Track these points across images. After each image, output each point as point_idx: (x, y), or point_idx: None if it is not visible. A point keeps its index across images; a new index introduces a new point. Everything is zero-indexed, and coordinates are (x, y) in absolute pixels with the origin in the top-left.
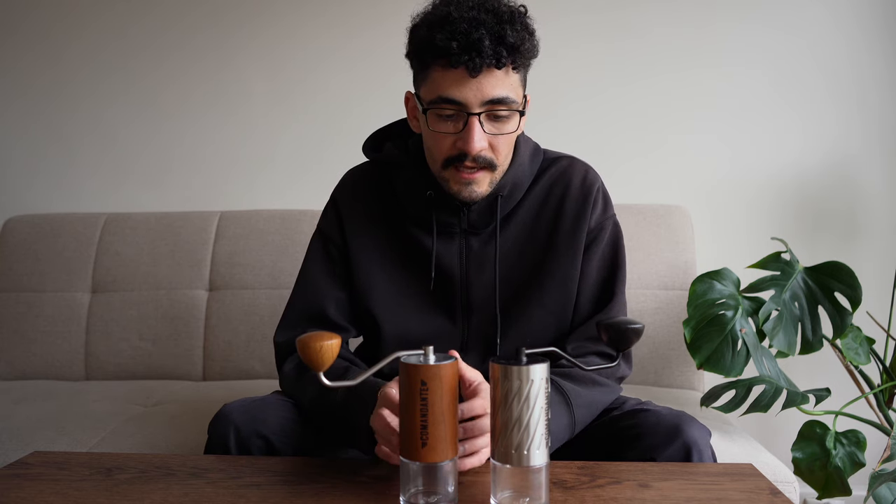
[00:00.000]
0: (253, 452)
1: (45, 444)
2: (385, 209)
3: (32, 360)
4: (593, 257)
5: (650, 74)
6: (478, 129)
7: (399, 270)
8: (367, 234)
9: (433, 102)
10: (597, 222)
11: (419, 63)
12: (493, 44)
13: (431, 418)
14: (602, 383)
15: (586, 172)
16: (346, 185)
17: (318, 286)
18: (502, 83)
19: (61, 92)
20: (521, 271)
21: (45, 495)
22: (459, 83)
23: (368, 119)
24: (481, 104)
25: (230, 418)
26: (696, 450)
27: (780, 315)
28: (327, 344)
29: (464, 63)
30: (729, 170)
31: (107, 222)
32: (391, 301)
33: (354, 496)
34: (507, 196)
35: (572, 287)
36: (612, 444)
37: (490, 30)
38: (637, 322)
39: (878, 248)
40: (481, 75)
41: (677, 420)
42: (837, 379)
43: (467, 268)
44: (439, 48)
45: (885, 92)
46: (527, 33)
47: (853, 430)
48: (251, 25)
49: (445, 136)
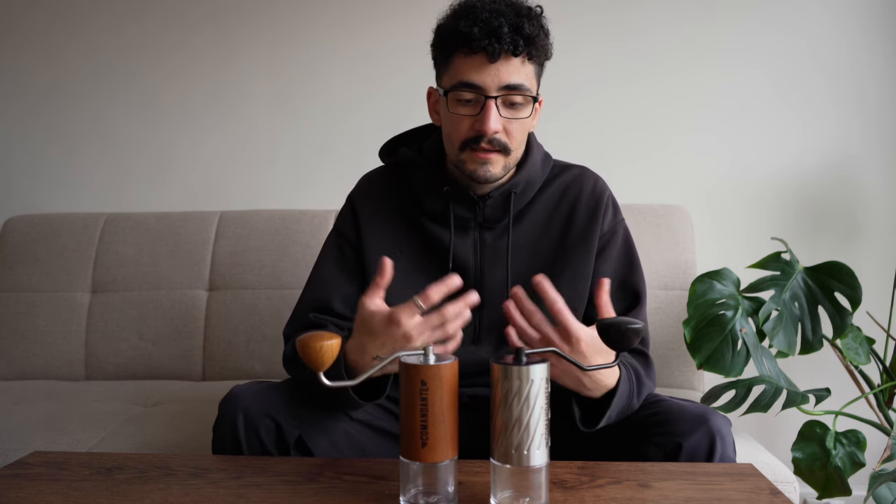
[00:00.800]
0: (261, 431)
1: (45, 444)
2: (401, 207)
3: (32, 360)
4: (609, 258)
5: (650, 75)
6: (494, 111)
7: (414, 264)
8: (383, 230)
9: (454, 87)
10: (609, 226)
11: (443, 51)
12: (511, 32)
13: (431, 418)
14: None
15: (596, 181)
16: (363, 186)
17: (326, 280)
18: (518, 71)
19: (61, 92)
20: (534, 267)
21: (45, 495)
22: (479, 68)
23: (369, 120)
24: (498, 89)
25: (239, 398)
26: (720, 437)
27: (780, 315)
28: (327, 344)
29: (483, 48)
30: (729, 170)
31: (107, 222)
32: (405, 294)
33: (354, 496)
34: (520, 193)
35: (584, 286)
36: (635, 432)
37: (509, 20)
38: (637, 322)
39: (878, 248)
40: (499, 62)
41: (701, 410)
42: (837, 379)
43: (481, 261)
44: (462, 34)
45: (885, 92)
46: (542, 30)
47: (853, 430)
48: (252, 26)
49: (464, 118)
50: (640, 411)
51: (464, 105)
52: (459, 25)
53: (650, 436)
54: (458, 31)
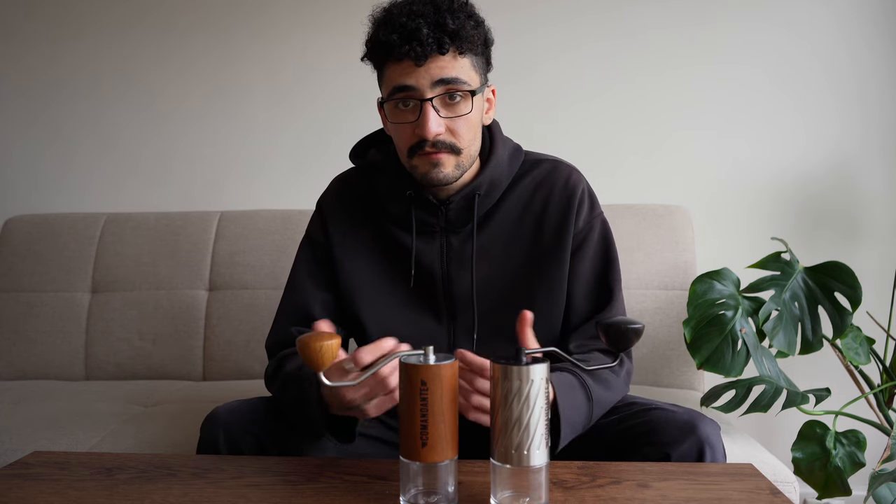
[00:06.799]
0: (244, 450)
1: (45, 444)
2: (368, 212)
3: (32, 360)
4: (585, 257)
5: (651, 75)
6: (432, 113)
7: (382, 271)
8: (351, 237)
9: (389, 94)
10: (584, 223)
11: (375, 64)
12: (432, 31)
13: (431, 418)
14: (613, 385)
15: (570, 175)
16: (331, 192)
17: (303, 288)
18: (450, 66)
19: (61, 92)
20: (506, 270)
21: (45, 495)
22: (408, 73)
23: (368, 120)
24: (431, 87)
25: (219, 419)
26: (709, 445)
27: (780, 315)
28: (327, 344)
29: (406, 53)
30: (729, 170)
31: (107, 222)
32: (376, 301)
33: (354, 496)
34: (484, 194)
35: (560, 288)
36: (624, 442)
37: (428, 19)
38: (637, 322)
39: (878, 248)
40: (428, 62)
41: (690, 417)
42: (837, 379)
43: (448, 266)
44: (383, 43)
45: (886, 93)
46: (470, 20)
47: (853, 430)
48: (251, 26)
49: (405, 125)
50: (628, 420)
51: (402, 112)
52: (380, 35)
53: (638, 446)
54: (379, 41)
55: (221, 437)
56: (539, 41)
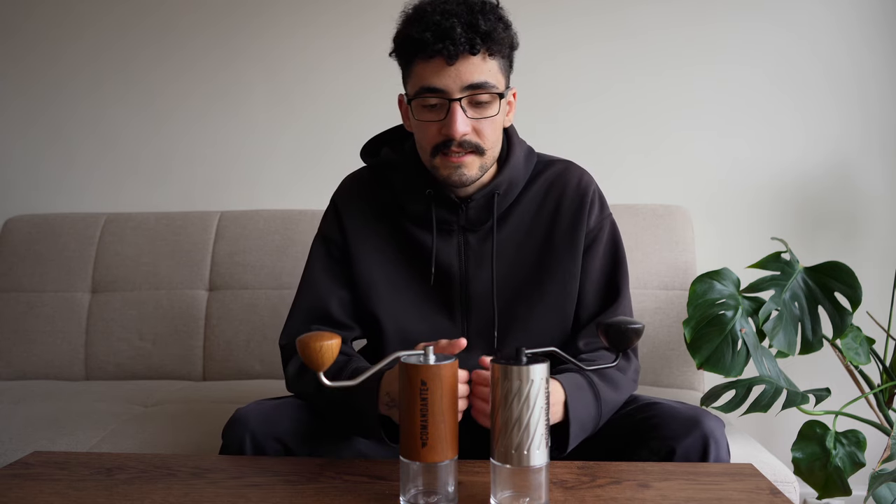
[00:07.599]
0: (269, 455)
1: (45, 444)
2: (384, 209)
3: (32, 360)
4: (595, 255)
5: (650, 75)
6: (460, 113)
7: (399, 269)
8: (368, 234)
9: (417, 94)
10: (595, 222)
11: (403, 60)
12: (465, 31)
13: (431, 418)
14: (621, 384)
15: (581, 176)
16: (346, 188)
17: (320, 286)
18: (480, 69)
19: (61, 92)
20: (521, 269)
21: (45, 495)
22: (439, 72)
23: (368, 119)
24: (461, 90)
25: (245, 422)
26: (713, 440)
27: (780, 315)
28: (327, 344)
29: (439, 52)
30: (729, 170)
31: (107, 222)
32: (392, 299)
33: (354, 496)
34: (503, 194)
35: (573, 285)
36: (629, 437)
37: (462, 19)
38: (637, 322)
39: (878, 248)
40: (458, 62)
41: (694, 412)
42: (837, 379)
43: (466, 265)
44: (416, 40)
45: (886, 93)
46: (500, 23)
47: (853, 430)
48: (251, 26)
49: (431, 124)
50: (633, 415)
51: (429, 111)
52: (412, 32)
53: (644, 440)
54: (411, 38)
55: (248, 442)
56: (539, 41)
